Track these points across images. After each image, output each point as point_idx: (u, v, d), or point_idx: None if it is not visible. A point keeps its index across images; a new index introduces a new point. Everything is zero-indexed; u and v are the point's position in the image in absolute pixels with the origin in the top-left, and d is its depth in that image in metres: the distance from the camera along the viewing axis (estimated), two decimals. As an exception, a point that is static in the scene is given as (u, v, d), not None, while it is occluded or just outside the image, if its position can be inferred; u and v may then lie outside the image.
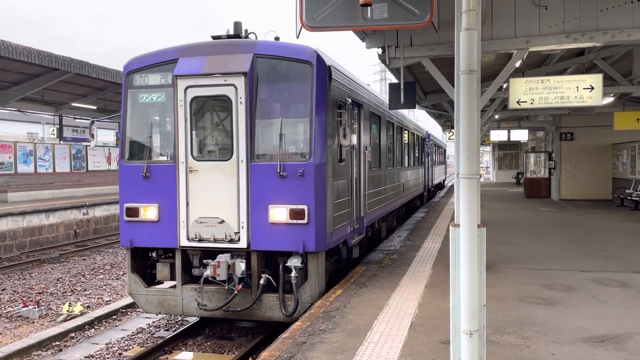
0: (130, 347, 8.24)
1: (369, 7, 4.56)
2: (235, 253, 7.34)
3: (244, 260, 7.20)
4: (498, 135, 25.47)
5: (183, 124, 7.42)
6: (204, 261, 7.40)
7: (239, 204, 7.24)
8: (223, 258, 7.17)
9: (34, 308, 10.16)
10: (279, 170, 7.05)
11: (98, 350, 8.20)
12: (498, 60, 13.66)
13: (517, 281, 8.13)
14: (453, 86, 4.44)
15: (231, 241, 7.27)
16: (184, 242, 7.45)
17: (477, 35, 3.72)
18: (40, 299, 11.13)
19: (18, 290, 12.11)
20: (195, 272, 7.54)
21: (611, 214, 17.68)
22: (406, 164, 16.41)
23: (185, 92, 7.39)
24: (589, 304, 6.88)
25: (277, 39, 7.94)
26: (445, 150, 38.10)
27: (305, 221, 7.01)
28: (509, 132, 25.09)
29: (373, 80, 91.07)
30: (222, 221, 7.27)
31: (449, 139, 31.37)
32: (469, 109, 3.75)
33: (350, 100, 8.40)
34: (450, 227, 3.98)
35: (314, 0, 4.79)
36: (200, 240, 7.34)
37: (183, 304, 7.61)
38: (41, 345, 8.43)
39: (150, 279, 8.04)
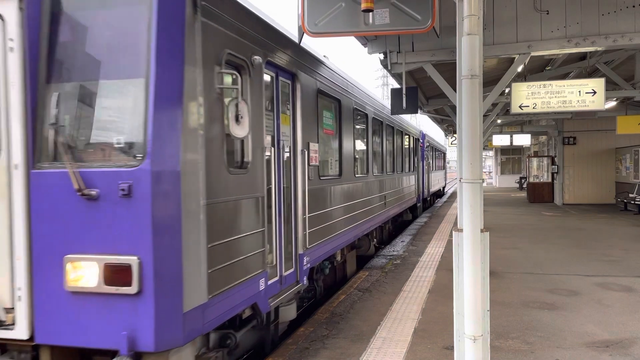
0: None
1: (370, 13, 4.57)
2: (12, 347, 3.89)
3: None
4: (500, 140, 25.50)
5: None
6: None
7: (12, 253, 3.77)
8: None
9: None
10: (78, 186, 3.57)
11: None
12: (500, 65, 13.69)
13: (521, 286, 8.10)
14: (455, 91, 4.45)
15: None
16: None
17: (478, 40, 3.73)
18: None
19: None
20: None
21: (615, 219, 17.63)
22: (388, 170, 12.36)
23: None
24: (593, 309, 6.85)
25: None
26: (444, 153, 35.63)
27: (133, 289, 3.51)
28: (511, 136, 25.11)
29: (375, 86, 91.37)
30: None
31: (451, 143, 31.37)
32: (471, 114, 3.75)
33: (259, 58, 4.90)
34: (454, 232, 3.98)
35: (315, 6, 4.80)
36: None
37: None
38: None
39: None
